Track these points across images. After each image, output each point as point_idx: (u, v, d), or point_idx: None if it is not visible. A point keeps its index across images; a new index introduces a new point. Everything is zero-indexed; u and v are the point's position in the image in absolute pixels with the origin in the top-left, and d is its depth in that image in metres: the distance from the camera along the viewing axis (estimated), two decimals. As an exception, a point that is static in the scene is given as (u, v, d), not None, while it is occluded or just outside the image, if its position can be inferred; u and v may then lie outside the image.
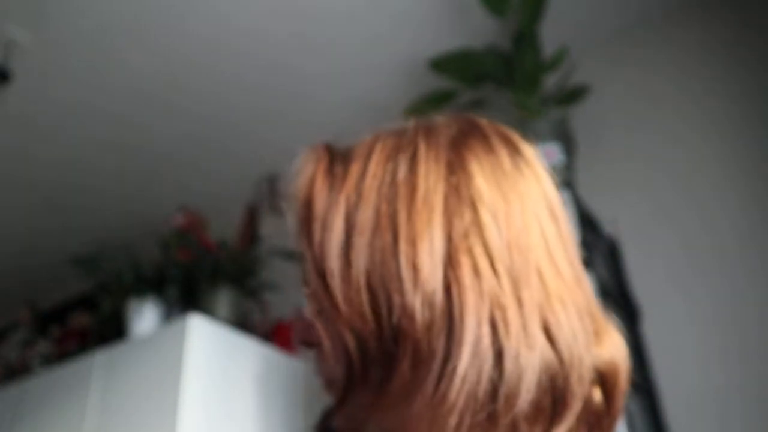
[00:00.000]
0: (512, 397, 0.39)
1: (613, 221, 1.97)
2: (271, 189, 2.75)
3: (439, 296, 0.40)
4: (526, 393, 0.40)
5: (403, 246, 0.41)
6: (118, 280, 2.30)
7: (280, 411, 2.12)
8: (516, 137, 0.49)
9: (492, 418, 0.40)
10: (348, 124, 2.56)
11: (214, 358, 2.01)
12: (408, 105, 2.22)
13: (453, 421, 0.39)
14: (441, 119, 0.50)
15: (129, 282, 2.27)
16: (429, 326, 0.40)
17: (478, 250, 0.41)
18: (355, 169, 0.46)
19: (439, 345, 0.40)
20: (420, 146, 0.46)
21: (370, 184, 0.44)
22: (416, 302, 0.40)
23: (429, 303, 0.40)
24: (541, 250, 0.44)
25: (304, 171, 0.48)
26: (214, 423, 1.91)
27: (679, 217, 1.95)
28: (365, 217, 0.43)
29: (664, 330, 1.84)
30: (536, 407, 0.40)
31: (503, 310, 0.41)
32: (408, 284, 0.40)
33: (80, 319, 2.82)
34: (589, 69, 2.14)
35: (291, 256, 2.39)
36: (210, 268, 2.28)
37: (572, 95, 2.04)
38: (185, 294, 2.30)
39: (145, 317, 2.21)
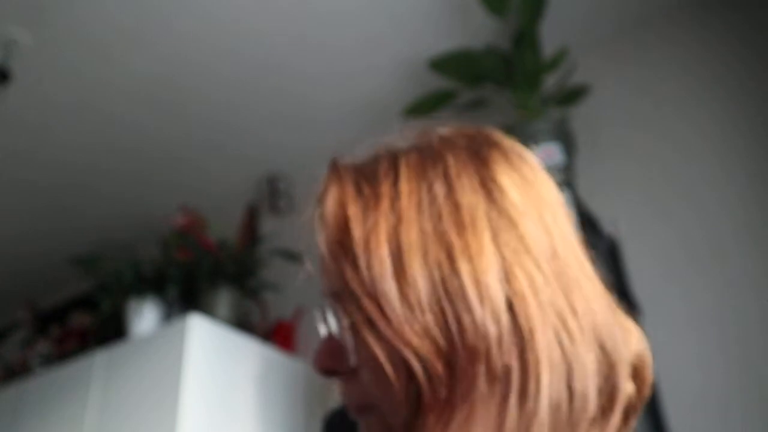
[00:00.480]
0: (585, 403, 0.41)
1: (613, 221, 1.97)
2: (271, 189, 2.75)
3: (503, 311, 0.41)
4: (594, 398, 0.41)
5: (462, 264, 0.41)
6: (118, 280, 2.30)
7: (280, 411, 2.12)
8: (519, 146, 0.50)
9: (571, 427, 0.41)
10: (348, 125, 2.56)
11: (214, 358, 2.01)
12: (408, 105, 2.22)
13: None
14: (448, 129, 0.50)
15: (129, 282, 2.27)
16: (499, 341, 0.40)
17: (529, 263, 0.42)
18: (385, 189, 0.45)
19: (513, 360, 0.40)
20: (449, 162, 0.46)
21: (407, 203, 0.44)
22: (486, 318, 0.40)
23: (497, 319, 0.40)
24: (572, 254, 0.45)
25: (330, 193, 0.47)
26: (214, 423, 1.91)
27: (679, 216, 1.95)
28: (411, 237, 0.43)
29: (664, 330, 1.84)
30: (600, 410, 0.42)
31: (563, 319, 0.41)
32: (475, 301, 0.40)
33: (80, 319, 2.82)
34: (589, 69, 2.14)
35: (291, 256, 2.39)
36: (210, 268, 2.28)
37: (572, 95, 2.04)
38: (185, 294, 2.30)
39: (145, 317, 2.21)
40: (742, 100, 1.97)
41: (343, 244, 0.45)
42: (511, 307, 0.41)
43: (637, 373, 0.47)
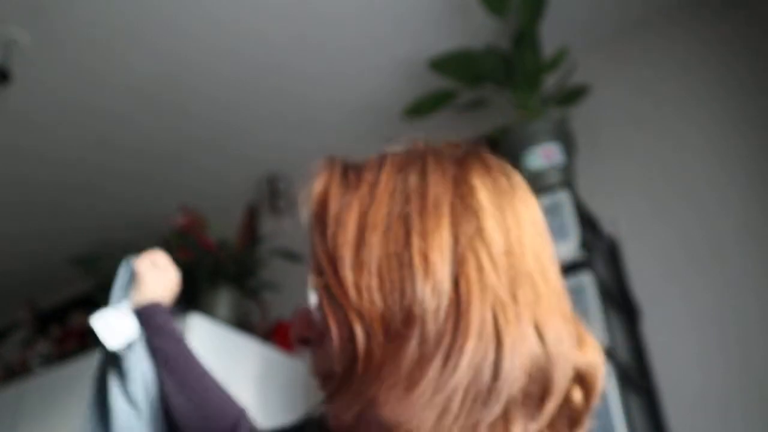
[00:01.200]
0: (507, 380, 0.45)
1: (613, 221, 1.97)
2: (271, 189, 2.75)
3: (446, 286, 0.46)
4: (519, 379, 0.45)
5: (415, 240, 0.47)
6: (118, 280, 2.29)
7: (280, 411, 2.12)
8: (509, 166, 0.55)
9: (490, 398, 0.45)
10: (348, 125, 2.56)
11: (214, 358, 2.01)
12: (408, 105, 2.22)
13: (458, 398, 0.44)
14: (444, 144, 0.56)
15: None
16: (436, 311, 0.46)
17: (482, 251, 0.47)
18: (368, 177, 0.52)
19: (448, 327, 0.45)
20: (428, 161, 0.52)
21: (383, 189, 0.50)
22: (426, 289, 0.46)
23: (438, 291, 0.46)
24: (532, 259, 0.50)
25: (319, 176, 0.54)
26: (214, 423, 1.91)
27: (679, 216, 1.95)
28: (378, 216, 0.49)
29: (664, 330, 1.84)
30: (525, 393, 0.46)
31: (502, 303, 0.46)
32: (419, 273, 0.46)
33: (80, 319, 2.82)
34: (589, 69, 2.14)
35: (291, 256, 2.39)
36: (210, 268, 2.28)
37: (572, 95, 2.04)
38: (185, 294, 2.30)
39: (145, 317, 2.21)
40: (742, 100, 1.97)
41: (319, 217, 0.51)
42: (457, 284, 0.46)
43: (584, 381, 0.50)
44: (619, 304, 1.82)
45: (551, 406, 0.47)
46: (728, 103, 1.99)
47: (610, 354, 1.55)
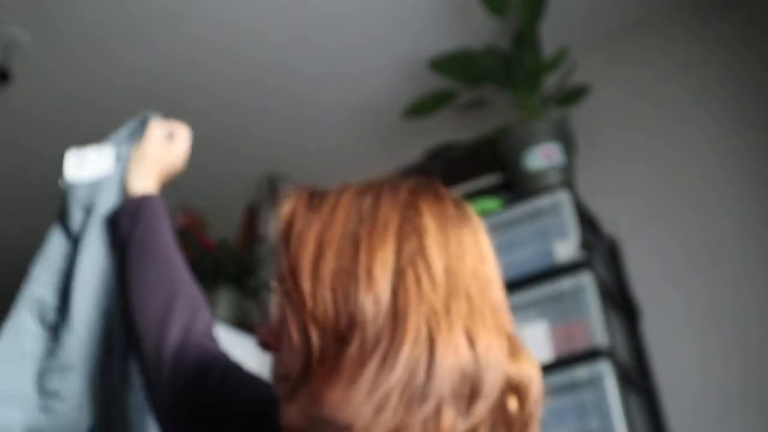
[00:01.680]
0: (439, 382, 0.50)
1: (613, 221, 1.97)
2: (271, 189, 2.75)
3: (386, 296, 0.52)
4: (449, 380, 0.51)
5: (362, 256, 0.54)
6: (118, 280, 2.30)
7: (280, 411, 2.12)
8: (463, 201, 0.61)
9: (424, 397, 0.50)
10: (348, 125, 2.56)
11: (214, 358, 2.01)
12: (408, 105, 2.22)
13: (395, 396, 0.50)
14: (404, 179, 0.62)
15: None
16: (375, 317, 0.52)
17: (421, 267, 0.53)
18: (330, 199, 0.59)
19: (386, 333, 0.51)
20: (384, 188, 0.59)
21: (341, 211, 0.57)
22: (368, 299, 0.52)
23: (378, 300, 0.52)
24: (470, 278, 0.55)
25: (288, 200, 0.60)
26: (214, 423, 1.91)
27: (678, 216, 1.95)
28: (334, 235, 0.56)
29: (664, 330, 1.84)
30: (456, 394, 0.51)
31: (436, 313, 0.52)
32: (363, 285, 0.53)
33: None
34: (589, 69, 2.13)
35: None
36: (210, 268, 2.28)
37: (572, 95, 2.04)
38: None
39: (145, 317, 2.21)
40: (741, 100, 1.98)
41: (285, 234, 0.58)
42: (396, 295, 0.52)
43: (518, 391, 0.55)
44: (619, 304, 1.82)
45: (481, 407, 0.52)
46: (728, 103, 1.99)
47: (610, 354, 1.55)
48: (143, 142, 0.95)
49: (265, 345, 0.60)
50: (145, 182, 0.94)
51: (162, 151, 0.96)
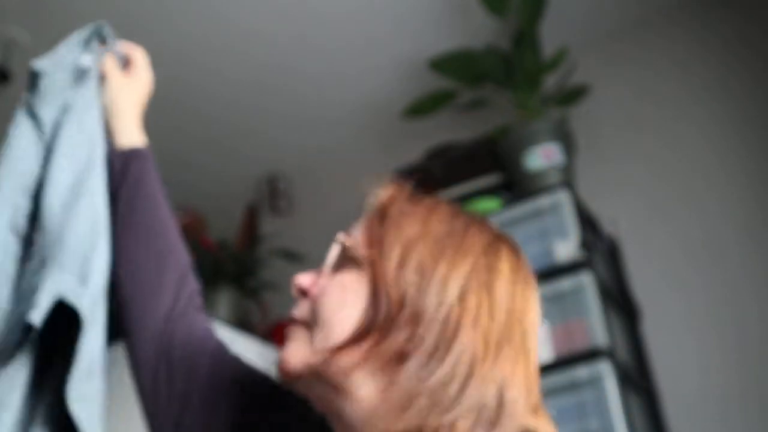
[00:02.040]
0: (465, 404, 0.53)
1: (613, 221, 1.97)
2: (271, 189, 2.75)
3: (446, 308, 0.56)
4: (473, 408, 0.54)
5: (443, 265, 0.58)
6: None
7: (280, 411, 2.12)
8: (530, 269, 0.65)
9: (447, 409, 0.53)
10: (348, 125, 2.56)
11: (214, 358, 2.01)
12: (408, 105, 2.22)
13: (423, 400, 0.53)
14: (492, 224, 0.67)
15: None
16: (431, 321, 0.55)
17: (484, 299, 0.57)
18: (426, 203, 0.63)
19: (436, 339, 0.55)
20: (475, 221, 0.63)
21: (436, 219, 0.61)
22: (433, 302, 0.56)
23: (439, 307, 0.56)
24: (526, 332, 0.59)
25: (390, 188, 0.64)
26: (214, 423, 1.91)
27: (678, 216, 1.95)
28: (427, 235, 0.60)
29: (664, 330, 1.84)
30: (476, 419, 0.54)
31: (486, 345, 0.56)
32: (434, 288, 0.57)
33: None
34: (589, 69, 2.13)
35: (291, 256, 2.40)
36: (210, 268, 2.28)
37: (572, 95, 2.04)
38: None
39: (145, 317, 2.21)
40: (741, 100, 1.98)
41: (382, 213, 0.62)
42: (454, 310, 0.56)
43: None
44: (619, 304, 1.82)
45: None
46: (728, 103, 1.99)
47: (610, 354, 1.55)
48: (107, 85, 0.88)
49: (302, 292, 0.62)
50: (129, 131, 0.88)
51: (130, 89, 0.90)
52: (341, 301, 0.59)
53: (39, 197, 0.76)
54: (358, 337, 0.56)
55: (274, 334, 2.39)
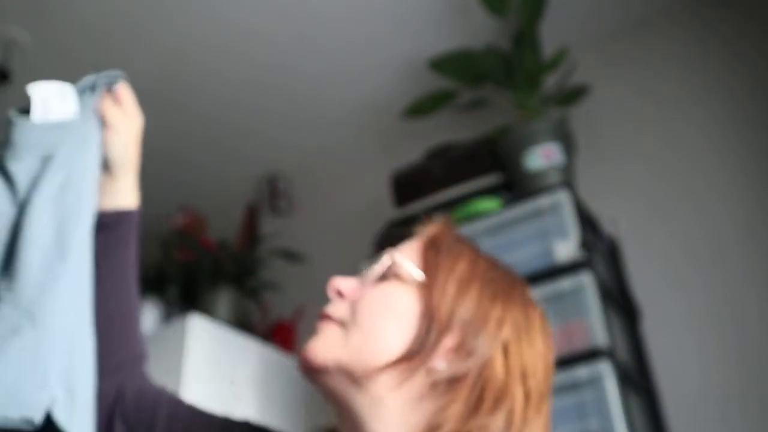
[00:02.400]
0: None
1: (613, 221, 1.97)
2: (271, 189, 2.75)
3: (485, 348, 0.60)
4: None
5: (498, 306, 0.62)
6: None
7: (280, 411, 2.12)
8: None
9: None
10: (348, 125, 2.56)
11: (214, 358, 2.01)
12: (408, 105, 2.22)
13: (451, 424, 0.57)
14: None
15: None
16: (469, 353, 0.59)
17: (526, 348, 0.62)
18: (469, 243, 0.68)
19: (474, 374, 0.59)
20: (509, 270, 0.68)
21: (482, 260, 0.66)
22: (486, 341, 0.60)
23: (489, 346, 0.60)
24: (543, 384, 0.63)
25: (436, 223, 0.69)
26: (214, 423, 1.91)
27: (679, 217, 1.95)
28: (480, 272, 0.64)
29: (664, 330, 1.84)
30: None
31: (528, 400, 0.60)
32: (490, 327, 0.61)
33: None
34: (589, 69, 2.13)
35: (291, 256, 2.40)
36: (210, 268, 2.28)
37: (572, 95, 2.04)
38: (185, 294, 2.30)
39: (145, 317, 2.21)
40: (742, 100, 1.98)
41: (433, 244, 0.66)
42: (501, 354, 0.61)
43: None
44: (619, 304, 1.82)
45: None
46: (728, 103, 1.99)
47: (610, 354, 1.55)
48: (111, 132, 0.83)
49: (338, 293, 0.65)
50: (128, 189, 0.84)
51: (128, 130, 0.85)
52: (385, 309, 0.62)
53: (12, 248, 0.70)
54: (404, 358, 0.59)
55: (274, 334, 2.39)
